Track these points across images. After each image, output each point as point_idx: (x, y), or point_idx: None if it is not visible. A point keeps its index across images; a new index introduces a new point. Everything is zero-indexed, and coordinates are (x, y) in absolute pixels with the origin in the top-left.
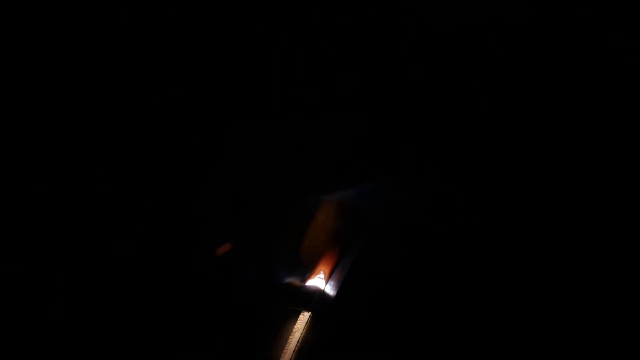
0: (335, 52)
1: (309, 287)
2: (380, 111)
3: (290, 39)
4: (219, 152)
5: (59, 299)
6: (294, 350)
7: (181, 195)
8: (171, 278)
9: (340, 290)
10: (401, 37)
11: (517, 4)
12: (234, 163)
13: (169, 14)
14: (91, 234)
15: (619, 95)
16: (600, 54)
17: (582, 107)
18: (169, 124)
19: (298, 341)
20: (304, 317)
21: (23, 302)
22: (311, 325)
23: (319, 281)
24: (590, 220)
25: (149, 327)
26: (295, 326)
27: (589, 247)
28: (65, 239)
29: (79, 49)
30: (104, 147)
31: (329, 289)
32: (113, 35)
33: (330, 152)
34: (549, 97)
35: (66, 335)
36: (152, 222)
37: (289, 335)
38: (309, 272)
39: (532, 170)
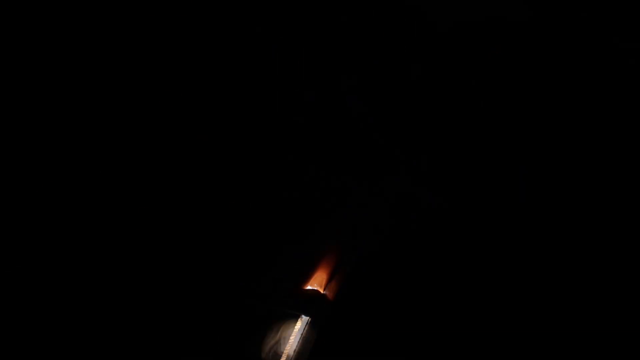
0: (335, 52)
1: (307, 292)
2: (380, 111)
3: (290, 39)
4: (221, 156)
5: (60, 299)
6: (294, 351)
7: (183, 199)
8: (173, 282)
9: (337, 294)
10: (401, 37)
11: (517, 4)
12: (233, 166)
13: (169, 14)
14: (96, 235)
15: (619, 95)
16: (600, 54)
17: (582, 107)
18: (168, 124)
19: (298, 343)
20: (303, 320)
21: (23, 302)
22: (310, 328)
23: (317, 286)
24: (589, 220)
25: (150, 328)
26: (295, 329)
27: (588, 247)
28: (69, 240)
29: (80, 50)
30: (104, 148)
31: (327, 294)
32: (114, 36)
33: (330, 149)
34: (549, 97)
35: (67, 335)
36: (155, 225)
37: (289, 338)
38: (307, 277)
39: (532, 170)
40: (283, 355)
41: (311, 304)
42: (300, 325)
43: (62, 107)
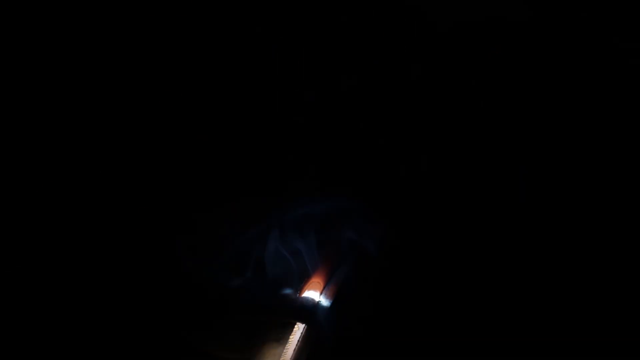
0: (335, 52)
1: (303, 298)
2: (380, 111)
3: (290, 39)
4: (220, 156)
5: (59, 299)
6: (290, 358)
7: (182, 203)
8: (168, 290)
9: (334, 301)
10: (401, 37)
11: (517, 4)
12: (233, 167)
13: (169, 14)
14: (93, 235)
15: (619, 95)
16: (600, 54)
17: (582, 107)
18: (169, 124)
19: (294, 351)
20: (300, 328)
21: (23, 302)
22: (306, 335)
23: (314, 292)
24: (590, 220)
25: (145, 338)
26: (291, 337)
27: (588, 247)
28: (67, 240)
29: (79, 50)
30: (104, 149)
31: (324, 300)
32: (114, 36)
33: (330, 150)
34: (549, 97)
35: (66, 334)
36: (148, 227)
37: (285, 345)
38: (303, 283)
39: (532, 170)
40: None
41: (307, 311)
42: (296, 332)
43: (60, 107)
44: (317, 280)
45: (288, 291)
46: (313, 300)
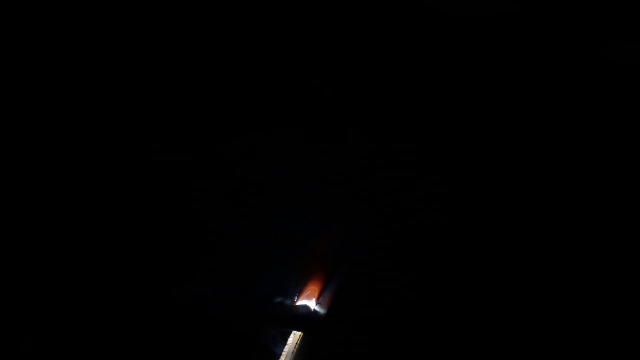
0: (336, 52)
1: (299, 307)
2: (380, 111)
3: (290, 39)
4: (219, 158)
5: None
6: None
7: (176, 206)
8: (163, 305)
9: (329, 309)
10: (401, 36)
11: (518, 4)
12: (232, 168)
13: (169, 14)
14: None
15: (619, 94)
16: (600, 54)
17: (582, 107)
18: (168, 125)
19: (292, 354)
20: (295, 336)
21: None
22: (302, 343)
23: (309, 301)
24: (589, 220)
25: (142, 351)
26: (287, 345)
27: (588, 247)
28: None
29: (78, 50)
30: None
31: (319, 308)
32: (114, 35)
33: (329, 151)
34: (549, 97)
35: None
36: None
37: (281, 354)
38: (298, 292)
39: (530, 169)
40: None
41: (303, 319)
42: (292, 341)
43: (58, 106)
44: (312, 289)
45: (284, 299)
46: (309, 308)
